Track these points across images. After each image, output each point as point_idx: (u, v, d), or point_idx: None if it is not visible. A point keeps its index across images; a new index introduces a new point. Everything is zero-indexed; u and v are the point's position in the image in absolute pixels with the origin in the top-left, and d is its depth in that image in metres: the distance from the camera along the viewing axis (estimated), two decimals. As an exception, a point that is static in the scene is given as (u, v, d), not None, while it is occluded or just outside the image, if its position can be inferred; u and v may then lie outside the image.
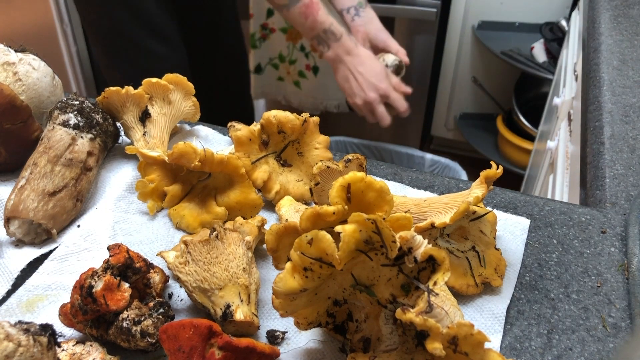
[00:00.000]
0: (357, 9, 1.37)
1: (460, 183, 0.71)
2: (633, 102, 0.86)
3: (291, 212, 0.61)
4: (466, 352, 0.38)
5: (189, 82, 0.75)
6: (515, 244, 0.61)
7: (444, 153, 2.42)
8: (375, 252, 0.44)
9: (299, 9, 1.16)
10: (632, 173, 0.72)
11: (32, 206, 0.60)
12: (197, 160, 0.59)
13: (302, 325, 0.48)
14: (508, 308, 0.54)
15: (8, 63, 0.68)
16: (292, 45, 2.01)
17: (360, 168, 0.60)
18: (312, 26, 1.18)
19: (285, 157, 0.69)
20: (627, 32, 1.09)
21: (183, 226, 0.64)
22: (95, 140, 0.67)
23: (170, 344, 0.43)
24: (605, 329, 0.52)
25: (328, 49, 1.23)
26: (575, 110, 1.11)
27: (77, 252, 0.60)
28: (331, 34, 1.22)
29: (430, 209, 0.55)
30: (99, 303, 0.46)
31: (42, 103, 0.71)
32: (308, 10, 1.16)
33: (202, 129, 0.81)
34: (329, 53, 1.24)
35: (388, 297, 0.46)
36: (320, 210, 0.44)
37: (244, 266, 0.52)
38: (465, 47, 2.15)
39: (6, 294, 0.56)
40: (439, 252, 0.41)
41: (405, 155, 1.96)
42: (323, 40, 1.22)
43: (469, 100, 2.29)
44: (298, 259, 0.42)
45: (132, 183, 0.69)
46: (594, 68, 0.98)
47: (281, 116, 0.65)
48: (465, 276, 0.55)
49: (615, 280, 0.57)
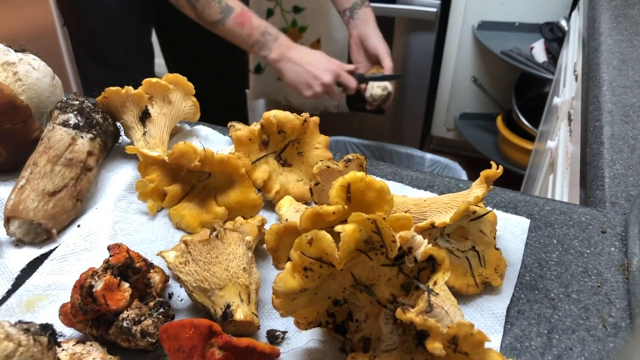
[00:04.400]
0: (351, 10, 1.37)
1: (460, 183, 0.71)
2: (633, 102, 0.86)
3: (291, 212, 0.61)
4: (466, 351, 0.38)
5: (188, 82, 0.75)
6: (515, 243, 0.61)
7: (444, 153, 2.43)
8: (375, 252, 0.44)
9: (233, 20, 1.15)
10: (632, 173, 0.72)
11: (32, 206, 0.60)
12: (197, 160, 0.59)
13: (302, 325, 0.48)
14: (508, 308, 0.54)
15: (8, 63, 0.68)
16: (292, 45, 2.01)
17: (360, 168, 0.60)
18: (249, 33, 1.18)
19: (285, 157, 0.69)
20: (627, 32, 1.09)
21: (183, 226, 0.64)
22: (95, 140, 0.67)
23: (170, 343, 0.43)
24: (606, 329, 0.52)
25: (270, 51, 1.22)
26: (575, 110, 1.11)
27: (77, 252, 0.60)
28: (268, 35, 1.21)
29: (430, 209, 0.55)
30: (99, 303, 0.46)
31: (42, 103, 0.71)
32: (242, 19, 1.16)
33: (202, 129, 0.81)
34: (272, 55, 1.23)
35: (388, 297, 0.46)
36: (320, 210, 0.44)
37: (244, 266, 0.52)
38: (465, 47, 2.15)
39: (6, 293, 0.56)
40: (439, 251, 0.41)
41: (405, 155, 1.96)
42: (263, 43, 1.21)
43: (469, 100, 2.29)
44: (298, 258, 0.42)
45: (132, 183, 0.69)
46: (594, 68, 0.98)
47: (281, 116, 0.65)
48: (465, 276, 0.55)
49: (615, 280, 0.57)
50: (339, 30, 1.89)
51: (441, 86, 2.27)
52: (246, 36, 1.18)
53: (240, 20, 1.16)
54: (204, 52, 1.52)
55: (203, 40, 1.42)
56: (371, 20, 1.37)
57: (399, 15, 1.95)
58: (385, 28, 1.90)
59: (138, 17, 1.36)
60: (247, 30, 1.18)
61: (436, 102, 2.33)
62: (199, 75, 1.45)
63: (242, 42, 1.20)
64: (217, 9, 1.14)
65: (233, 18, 1.15)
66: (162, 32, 1.54)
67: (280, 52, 1.23)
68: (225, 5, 1.15)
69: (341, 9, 1.39)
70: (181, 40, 1.52)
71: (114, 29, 1.33)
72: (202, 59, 1.54)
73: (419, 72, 2.09)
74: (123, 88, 0.70)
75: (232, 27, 1.16)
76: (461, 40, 2.13)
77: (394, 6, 1.92)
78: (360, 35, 1.37)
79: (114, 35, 1.33)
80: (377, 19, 1.42)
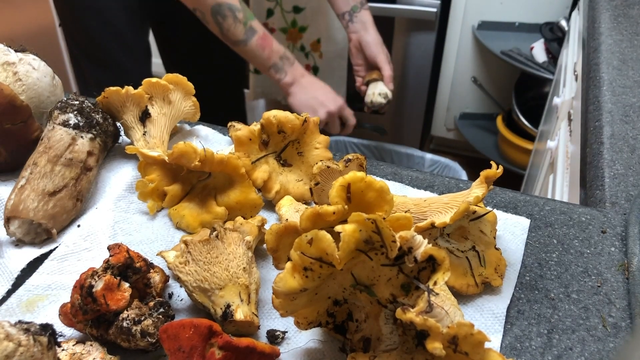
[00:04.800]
0: (350, 14, 1.39)
1: (460, 183, 0.71)
2: (633, 102, 0.86)
3: (291, 212, 0.61)
4: (466, 351, 0.38)
5: (188, 82, 0.75)
6: (516, 243, 0.61)
7: (444, 153, 2.42)
8: (375, 252, 0.44)
9: (256, 42, 1.20)
10: (632, 173, 0.72)
11: (32, 206, 0.60)
12: (197, 160, 0.59)
13: (302, 325, 0.48)
14: (508, 308, 0.54)
15: (8, 63, 0.68)
16: (292, 45, 2.01)
17: (360, 168, 0.60)
18: (269, 56, 1.23)
19: (285, 157, 0.69)
20: (627, 32, 1.09)
21: (183, 226, 0.64)
22: (95, 140, 0.67)
23: (170, 343, 0.43)
24: (606, 329, 0.52)
25: (286, 75, 1.27)
26: (575, 110, 1.11)
27: (77, 251, 0.60)
28: (286, 60, 1.27)
29: (430, 209, 0.55)
30: (99, 303, 0.46)
31: (42, 103, 0.71)
32: (264, 42, 1.21)
33: (202, 129, 0.81)
34: (287, 79, 1.28)
35: (388, 297, 0.46)
36: (320, 210, 0.44)
37: (244, 266, 0.52)
38: (465, 47, 2.15)
39: (6, 293, 0.56)
40: (439, 251, 0.41)
41: (405, 155, 1.96)
42: (280, 67, 1.26)
43: (469, 100, 2.29)
44: (298, 258, 0.42)
45: (132, 183, 0.69)
46: (594, 68, 0.98)
47: (281, 116, 0.65)
48: (466, 276, 0.55)
49: (615, 280, 0.57)
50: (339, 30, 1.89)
51: (441, 86, 2.27)
52: (266, 58, 1.23)
53: (262, 43, 1.21)
54: (202, 52, 1.52)
55: (202, 40, 1.42)
56: (370, 25, 1.39)
57: (399, 15, 1.95)
58: (385, 28, 1.90)
59: (135, 16, 1.36)
60: (268, 53, 1.23)
61: (436, 102, 2.33)
62: (198, 75, 1.45)
63: (260, 63, 1.25)
64: (242, 30, 1.18)
65: (256, 40, 1.20)
66: (159, 32, 1.54)
67: (294, 77, 1.28)
68: (249, 27, 1.19)
69: (340, 12, 1.40)
70: (179, 40, 1.53)
71: (110, 29, 1.33)
72: (200, 58, 1.55)
73: (419, 72, 2.09)
74: (122, 88, 0.70)
75: (253, 49, 1.21)
76: (461, 40, 2.13)
77: (394, 6, 1.92)
78: (360, 41, 1.39)
79: (110, 35, 1.34)
80: (377, 19, 1.42)
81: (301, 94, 1.29)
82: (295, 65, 1.28)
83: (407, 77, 2.09)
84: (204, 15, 1.18)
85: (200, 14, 1.19)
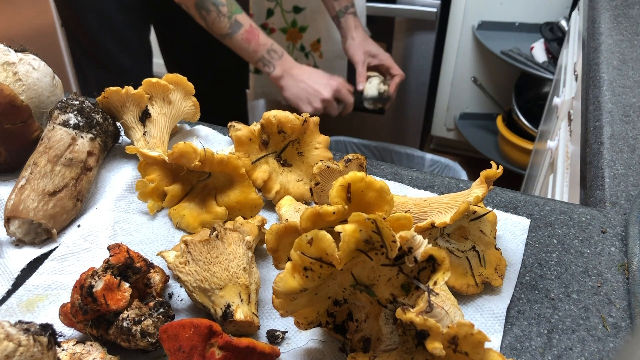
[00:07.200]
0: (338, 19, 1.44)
1: (460, 183, 0.71)
2: (633, 102, 0.86)
3: (291, 212, 0.61)
4: (466, 351, 0.38)
5: (189, 82, 0.75)
6: (516, 243, 0.61)
7: (444, 153, 2.43)
8: (376, 252, 0.44)
9: (241, 36, 1.21)
10: (632, 173, 0.72)
11: (32, 206, 0.60)
12: (197, 160, 0.59)
13: (302, 325, 0.48)
14: (508, 308, 0.54)
15: (8, 63, 0.68)
16: (292, 45, 2.01)
17: (360, 168, 0.60)
18: (255, 49, 1.24)
19: (285, 157, 0.69)
20: (627, 32, 1.09)
21: (183, 226, 0.64)
22: (95, 140, 0.67)
23: (170, 343, 0.43)
24: (606, 329, 0.52)
25: (274, 68, 1.28)
26: (575, 110, 1.11)
27: (77, 251, 0.60)
28: (274, 53, 1.27)
29: (430, 209, 0.55)
30: (99, 303, 0.46)
31: (42, 103, 0.71)
32: (249, 35, 1.22)
33: (202, 129, 0.81)
34: (275, 72, 1.28)
35: (388, 297, 0.46)
36: (321, 210, 0.44)
37: (244, 266, 0.52)
38: (465, 47, 2.15)
39: (6, 293, 0.56)
40: (439, 251, 0.41)
41: (405, 155, 1.97)
42: (268, 60, 1.27)
43: (469, 100, 2.29)
44: (298, 258, 0.42)
45: (132, 183, 0.69)
46: (594, 68, 0.98)
47: (281, 116, 0.65)
48: (466, 276, 0.55)
49: (615, 280, 0.57)
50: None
51: (441, 86, 2.27)
52: (252, 52, 1.24)
53: (248, 36, 1.22)
54: (203, 52, 1.52)
55: (203, 40, 1.42)
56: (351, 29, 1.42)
57: (399, 15, 1.95)
58: (385, 28, 1.90)
59: (136, 17, 1.37)
60: (254, 46, 1.23)
61: (436, 102, 2.33)
62: (199, 75, 1.46)
63: (248, 56, 1.26)
64: (226, 24, 1.19)
65: (241, 34, 1.21)
66: (160, 32, 1.55)
67: (283, 69, 1.28)
68: (234, 21, 1.20)
69: (332, 15, 1.45)
70: (180, 40, 1.53)
71: (111, 30, 1.34)
72: (201, 58, 1.55)
73: (419, 72, 2.09)
74: (122, 88, 0.70)
75: (239, 42, 1.22)
76: (461, 40, 2.13)
77: (394, 6, 1.93)
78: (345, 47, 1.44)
79: (111, 35, 1.35)
80: (377, 19, 1.43)
81: (293, 86, 1.30)
82: (285, 58, 1.28)
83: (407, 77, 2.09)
84: (188, 9, 1.20)
85: (185, 7, 1.20)
